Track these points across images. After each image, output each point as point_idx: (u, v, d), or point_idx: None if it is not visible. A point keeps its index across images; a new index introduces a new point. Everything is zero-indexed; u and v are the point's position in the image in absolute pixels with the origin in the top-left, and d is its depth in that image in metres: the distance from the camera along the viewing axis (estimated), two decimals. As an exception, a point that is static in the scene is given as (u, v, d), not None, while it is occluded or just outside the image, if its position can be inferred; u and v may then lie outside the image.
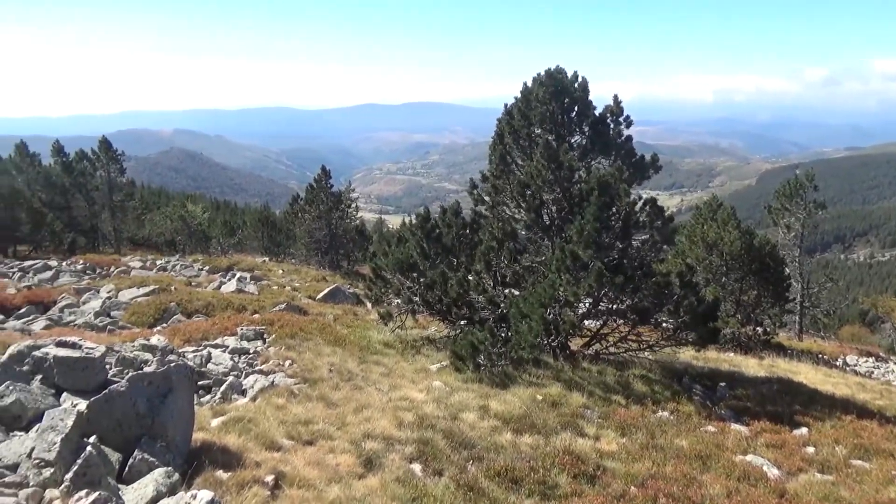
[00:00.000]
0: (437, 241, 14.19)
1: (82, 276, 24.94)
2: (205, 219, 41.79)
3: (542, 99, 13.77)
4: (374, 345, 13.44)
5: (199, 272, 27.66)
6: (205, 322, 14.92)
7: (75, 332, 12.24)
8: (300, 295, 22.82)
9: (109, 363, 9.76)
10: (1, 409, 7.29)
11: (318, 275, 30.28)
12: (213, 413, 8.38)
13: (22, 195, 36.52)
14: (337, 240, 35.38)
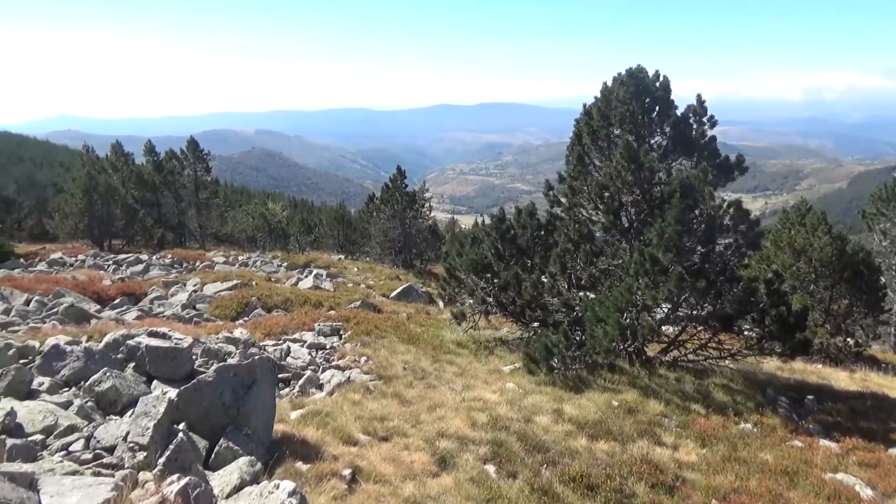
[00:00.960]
0: (511, 242, 14.14)
1: (170, 270, 26.22)
2: (284, 217, 43.09)
3: (622, 99, 13.50)
4: (447, 344, 13.51)
5: (278, 268, 28.57)
6: (284, 317, 15.40)
7: (164, 323, 12.85)
8: (374, 293, 23.21)
9: (196, 354, 10.23)
10: (98, 394, 7.75)
11: (392, 273, 30.71)
12: (293, 406, 8.62)
13: (117, 192, 38.70)
14: (410, 239, 35.76)
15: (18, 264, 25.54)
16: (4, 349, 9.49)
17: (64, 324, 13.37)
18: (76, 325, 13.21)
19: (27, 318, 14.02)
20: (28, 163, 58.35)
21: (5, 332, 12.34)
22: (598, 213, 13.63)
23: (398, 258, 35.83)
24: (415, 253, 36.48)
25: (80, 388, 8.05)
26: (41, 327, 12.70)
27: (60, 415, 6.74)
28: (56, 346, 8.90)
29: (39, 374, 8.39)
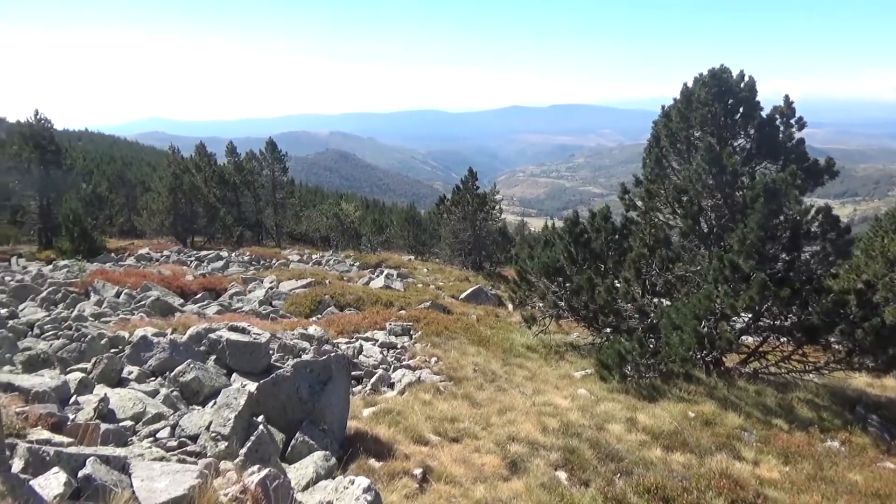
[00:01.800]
0: (584, 246, 13.92)
1: (248, 267, 27.15)
2: (356, 217, 43.89)
3: (703, 100, 13.06)
4: (517, 347, 13.42)
5: (351, 267, 29.12)
6: (356, 315, 15.67)
7: (243, 319, 13.28)
8: (443, 294, 23.32)
9: (272, 348, 10.54)
10: (183, 385, 8.09)
11: (461, 275, 30.78)
12: (365, 403, 8.75)
13: (200, 191, 40.41)
14: (480, 241, 35.75)
15: (110, 258, 27.03)
16: (98, 338, 10.06)
17: (150, 316, 14.04)
18: (161, 317, 13.85)
19: (117, 309, 14.80)
20: (119, 162, 61.61)
21: (98, 322, 13.08)
22: (675, 217, 13.25)
23: (468, 260, 35.88)
24: (484, 255, 36.44)
25: (166, 377, 8.43)
26: (130, 319, 13.37)
27: (148, 403, 7.07)
28: (144, 338, 9.36)
29: (129, 364, 8.84)
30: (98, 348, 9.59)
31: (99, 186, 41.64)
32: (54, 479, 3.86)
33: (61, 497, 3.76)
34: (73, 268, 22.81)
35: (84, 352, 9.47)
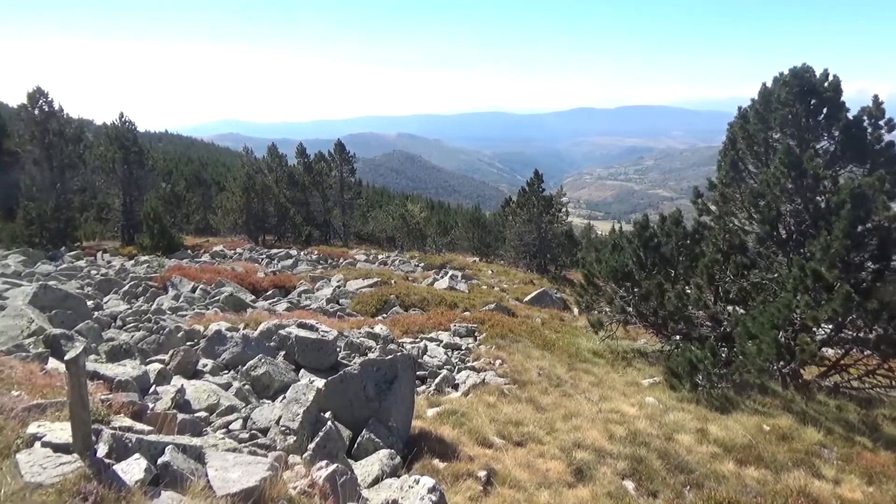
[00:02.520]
0: (654, 251, 13.56)
1: (316, 266, 27.74)
2: (422, 218, 44.21)
3: (783, 100, 12.55)
4: (582, 352, 13.21)
5: (415, 268, 29.35)
6: (421, 316, 15.77)
7: (311, 316, 13.56)
8: (508, 296, 23.19)
9: (339, 346, 10.71)
10: (254, 378, 8.33)
11: (526, 277, 30.55)
12: (429, 403, 8.78)
13: (272, 191, 41.59)
14: (545, 243, 35.38)
15: (186, 255, 28.14)
16: (175, 331, 10.47)
17: (224, 311, 14.51)
18: (234, 312, 14.30)
19: (193, 304, 15.37)
20: (196, 163, 64.11)
21: (175, 315, 13.62)
22: (751, 222, 12.76)
23: (532, 262, 35.58)
24: (549, 258, 36.04)
25: (238, 371, 8.70)
26: (205, 313, 13.86)
27: (222, 395, 7.31)
28: (218, 332, 9.68)
29: (204, 357, 9.17)
30: (175, 341, 9.99)
31: (177, 186, 43.43)
32: (136, 464, 4.03)
33: (142, 482, 3.92)
34: (152, 263, 23.86)
35: (162, 344, 9.88)
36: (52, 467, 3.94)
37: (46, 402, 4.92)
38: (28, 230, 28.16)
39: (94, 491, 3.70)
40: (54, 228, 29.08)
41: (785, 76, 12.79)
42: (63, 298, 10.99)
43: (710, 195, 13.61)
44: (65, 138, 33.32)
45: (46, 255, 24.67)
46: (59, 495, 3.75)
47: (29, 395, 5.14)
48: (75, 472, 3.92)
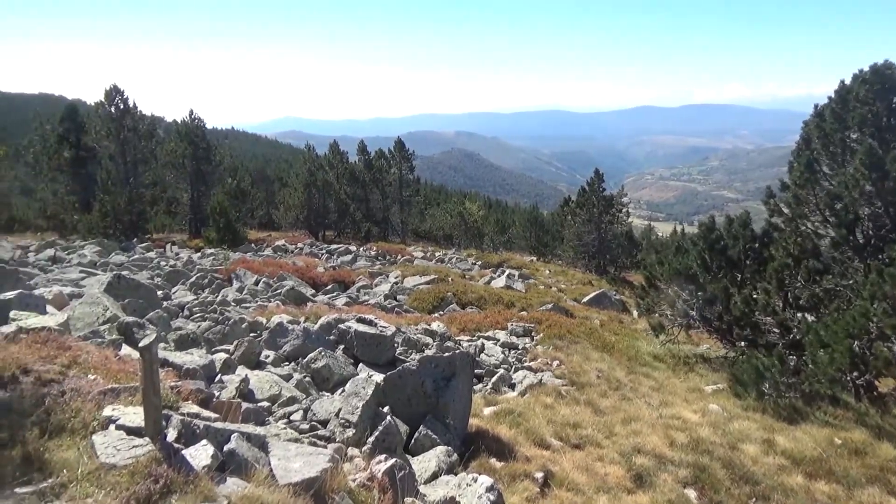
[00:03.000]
0: (720, 254, 13.14)
1: (374, 262, 28.07)
2: (479, 216, 44.15)
3: (863, 98, 11.96)
4: (642, 356, 12.94)
5: (472, 266, 29.33)
6: (477, 314, 15.75)
7: (369, 311, 13.70)
8: (565, 297, 22.92)
9: (397, 342, 10.78)
10: (314, 371, 8.47)
11: (584, 278, 30.13)
12: (486, 402, 8.75)
13: (333, 188, 42.31)
14: (605, 244, 34.81)
15: (250, 248, 28.92)
16: (239, 322, 10.76)
17: (285, 304, 14.83)
18: (295, 306, 14.59)
19: (256, 296, 15.77)
20: (260, 159, 65.78)
21: (239, 307, 14.00)
22: (826, 226, 12.20)
23: (591, 263, 35.06)
24: (608, 259, 35.44)
25: (299, 363, 8.87)
26: (267, 305, 14.19)
27: (283, 386, 7.46)
28: (280, 324, 9.89)
29: (266, 348, 9.38)
30: (239, 332, 10.26)
31: (242, 181, 44.64)
32: (203, 450, 4.15)
33: (209, 468, 4.03)
34: (218, 256, 24.62)
35: (227, 334, 10.18)
36: (125, 449, 4.09)
37: (120, 386, 5.12)
38: (103, 222, 29.46)
39: (164, 474, 3.82)
40: (127, 221, 30.34)
41: (865, 73, 12.21)
42: (135, 288, 11.43)
43: (782, 197, 13.08)
44: (138, 134, 34.72)
45: (119, 246, 25.78)
46: (132, 476, 3.89)
47: (104, 379, 5.35)
48: (147, 455, 4.06)
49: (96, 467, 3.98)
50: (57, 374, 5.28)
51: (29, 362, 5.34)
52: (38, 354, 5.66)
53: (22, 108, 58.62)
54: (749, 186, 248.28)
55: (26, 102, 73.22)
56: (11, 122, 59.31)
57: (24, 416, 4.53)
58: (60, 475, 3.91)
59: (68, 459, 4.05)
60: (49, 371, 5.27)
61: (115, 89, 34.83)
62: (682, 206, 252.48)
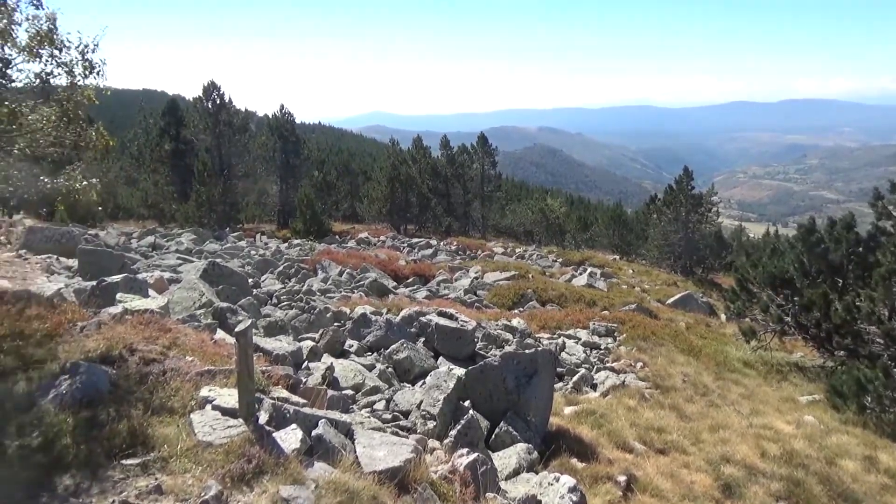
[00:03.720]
0: (820, 258, 12.42)
1: (455, 256, 28.22)
2: (561, 213, 43.57)
3: None
4: (731, 361, 12.42)
5: (553, 263, 28.99)
6: (558, 312, 15.54)
7: (449, 305, 13.77)
8: (649, 297, 22.29)
9: (477, 337, 10.79)
10: (396, 362, 8.60)
11: (669, 279, 29.23)
12: (566, 401, 8.63)
13: (415, 182, 42.81)
14: (692, 244, 33.59)
15: (334, 240, 29.70)
16: (324, 312, 11.06)
17: (368, 295, 15.13)
18: (377, 297, 14.86)
19: (340, 287, 16.16)
20: (345, 153, 67.32)
21: (324, 297, 14.38)
22: (942, 230, 11.32)
23: (677, 264, 33.93)
24: (695, 259, 34.19)
25: (381, 354, 9.03)
26: (350, 296, 14.52)
27: (366, 375, 7.61)
28: (364, 315, 10.09)
29: (350, 338, 9.59)
30: (324, 321, 10.55)
31: (328, 175, 45.86)
32: (293, 434, 4.29)
33: (298, 451, 4.16)
34: (304, 246, 25.41)
35: (312, 323, 10.49)
36: (220, 429, 4.28)
37: (216, 368, 5.36)
38: (199, 211, 30.98)
39: (256, 455, 3.98)
40: (221, 211, 31.78)
41: None
42: (229, 275, 11.94)
43: (891, 198, 12.21)
44: (232, 128, 36.23)
45: (213, 235, 27.03)
46: (227, 455, 4.07)
47: (201, 361, 5.62)
48: (240, 435, 4.23)
49: (194, 444, 4.18)
50: (158, 354, 5.59)
51: (134, 342, 5.68)
52: (141, 335, 6.01)
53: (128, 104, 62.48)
54: (852, 187, 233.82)
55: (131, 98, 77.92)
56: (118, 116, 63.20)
57: (130, 393, 4.82)
58: (162, 450, 4.13)
59: (168, 436, 4.28)
60: (151, 351, 5.59)
61: (212, 85, 36.46)
62: (777, 207, 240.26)
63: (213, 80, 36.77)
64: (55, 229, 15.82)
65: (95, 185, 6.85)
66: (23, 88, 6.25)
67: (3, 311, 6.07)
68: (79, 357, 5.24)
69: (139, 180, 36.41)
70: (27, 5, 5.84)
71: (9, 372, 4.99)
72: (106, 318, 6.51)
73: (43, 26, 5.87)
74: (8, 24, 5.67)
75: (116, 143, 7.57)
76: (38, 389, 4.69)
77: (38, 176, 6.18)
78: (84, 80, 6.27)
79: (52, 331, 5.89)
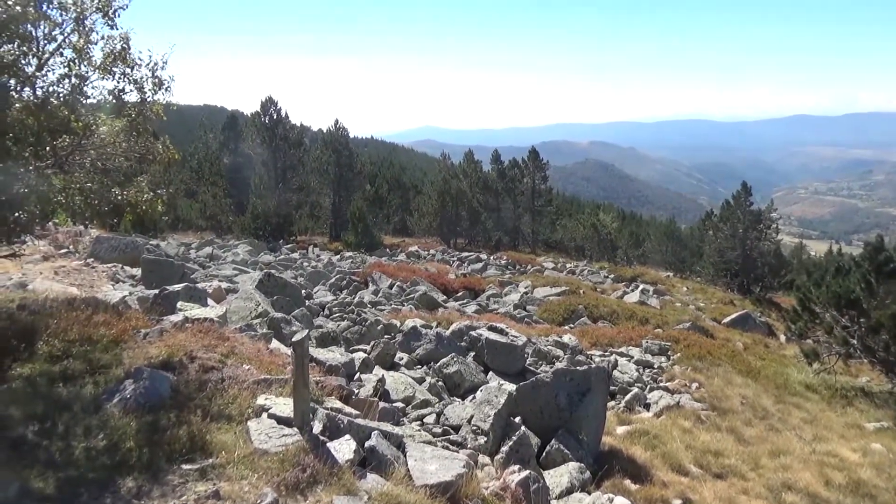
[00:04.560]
0: (889, 277, 11.89)
1: (504, 271, 28.12)
2: (613, 228, 42.96)
3: None
4: (792, 384, 11.98)
5: (605, 279, 28.56)
6: (610, 329, 15.29)
7: (499, 320, 13.71)
8: (704, 316, 21.71)
9: (527, 352, 10.71)
10: (445, 376, 8.60)
11: (725, 297, 28.41)
12: (619, 420, 8.47)
13: (465, 196, 42.91)
14: (750, 262, 32.59)
15: (385, 253, 29.98)
16: (375, 324, 11.15)
17: (418, 308, 15.20)
18: (427, 310, 14.92)
19: (390, 299, 16.28)
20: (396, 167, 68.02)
21: (374, 309, 14.51)
22: None
23: (733, 282, 32.96)
24: (753, 277, 33.14)
25: (431, 367, 9.04)
26: (401, 309, 14.62)
27: (417, 389, 7.63)
28: (414, 328, 10.14)
29: (400, 350, 9.65)
30: (375, 333, 10.64)
31: (380, 188, 46.39)
32: (346, 445, 4.33)
33: (351, 462, 4.19)
34: (356, 259, 25.73)
35: (364, 335, 10.58)
36: (276, 437, 4.36)
37: (272, 377, 5.46)
38: (255, 223, 31.75)
39: (311, 464, 4.03)
40: (275, 223, 32.48)
41: None
42: (283, 286, 12.17)
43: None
44: (288, 142, 37.11)
45: (268, 247, 27.65)
46: (282, 463, 4.13)
47: (257, 369, 5.73)
48: (295, 444, 4.30)
49: (251, 451, 4.26)
50: (217, 362, 5.73)
51: (194, 349, 5.84)
52: (201, 343, 6.17)
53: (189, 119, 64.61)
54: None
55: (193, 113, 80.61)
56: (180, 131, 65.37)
57: (190, 399, 4.96)
58: (220, 456, 4.23)
59: (226, 442, 4.38)
60: (210, 359, 5.73)
61: (269, 101, 37.45)
62: (839, 224, 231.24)
63: (270, 96, 37.80)
64: (120, 239, 16.45)
65: (162, 195, 7.11)
66: (97, 105, 6.56)
67: (72, 317, 6.33)
68: (142, 363, 5.43)
69: (198, 192, 37.58)
70: (102, 25, 6.14)
71: (77, 375, 5.20)
72: (167, 326, 6.72)
73: (117, 45, 6.15)
74: (85, 44, 5.95)
75: (180, 156, 7.84)
76: (104, 393, 4.87)
77: (109, 187, 6.46)
78: (153, 95, 6.54)
79: (117, 337, 6.11)
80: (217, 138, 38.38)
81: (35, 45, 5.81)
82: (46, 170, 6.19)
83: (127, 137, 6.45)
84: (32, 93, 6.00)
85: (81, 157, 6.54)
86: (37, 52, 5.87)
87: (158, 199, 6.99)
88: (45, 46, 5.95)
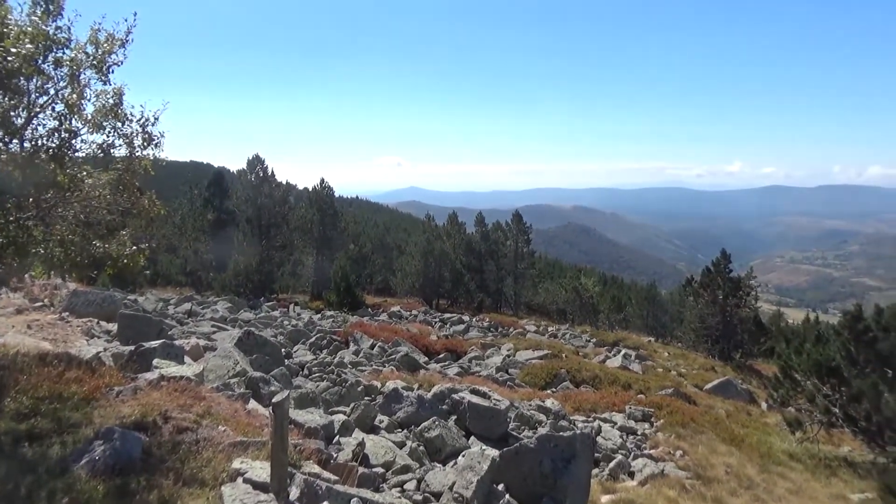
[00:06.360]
0: (869, 346, 11.98)
1: (486, 333, 27.97)
2: (595, 292, 43.17)
3: None
4: (776, 453, 11.85)
5: (587, 343, 28.49)
6: (593, 394, 15.15)
7: (482, 383, 13.55)
8: (686, 382, 21.62)
9: (510, 417, 10.54)
10: (427, 440, 8.40)
11: (706, 363, 28.40)
12: (602, 489, 8.29)
13: (448, 257, 43.09)
14: (730, 329, 32.79)
15: (367, 313, 29.77)
16: (355, 385, 10.96)
17: (399, 369, 15.00)
18: (408, 372, 14.71)
19: (371, 360, 16.06)
20: (381, 227, 68.46)
21: (355, 369, 14.30)
22: None
23: (714, 348, 33.02)
24: (733, 344, 33.24)
25: (412, 430, 8.84)
26: (381, 370, 14.41)
27: (397, 453, 7.44)
28: (395, 390, 9.97)
29: (380, 412, 9.45)
30: (355, 394, 10.43)
31: (363, 248, 46.48)
32: (324, 513, 4.16)
33: (329, 531, 4.03)
34: (337, 318, 25.48)
35: (343, 396, 10.38)
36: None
37: (248, 440, 5.30)
38: (236, 280, 31.53)
39: (286, 533, 3.86)
40: (257, 280, 32.28)
41: None
42: (262, 344, 11.98)
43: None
44: (273, 200, 37.24)
45: (248, 304, 27.34)
46: (256, 532, 3.96)
47: (234, 431, 5.57)
48: (271, 511, 4.13)
49: (224, 519, 4.08)
50: (192, 422, 5.56)
51: (169, 409, 5.67)
52: (176, 402, 6.00)
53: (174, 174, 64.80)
54: (895, 274, 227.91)
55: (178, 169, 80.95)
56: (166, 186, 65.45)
57: (162, 461, 4.78)
58: (190, 524, 4.04)
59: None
60: (185, 419, 5.56)
61: (256, 158, 37.77)
62: (816, 292, 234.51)
63: (257, 154, 38.15)
64: (97, 293, 16.19)
65: (145, 249, 7.04)
66: (85, 158, 6.55)
67: (43, 373, 6.15)
68: (114, 422, 5.25)
69: (179, 248, 37.34)
70: (96, 81, 6.20)
71: (45, 434, 5.01)
72: (142, 384, 6.54)
73: (109, 100, 6.20)
74: (78, 99, 6.00)
75: (165, 211, 7.82)
76: (72, 454, 4.68)
77: (90, 239, 6.39)
78: (143, 151, 6.57)
79: (89, 395, 5.93)
80: (202, 194, 38.44)
81: (27, 97, 5.84)
82: (28, 221, 6.13)
83: (113, 191, 6.43)
84: (20, 145, 5.99)
85: (65, 210, 6.50)
86: (27, 105, 5.89)
87: (141, 253, 6.92)
88: (37, 99, 5.98)
